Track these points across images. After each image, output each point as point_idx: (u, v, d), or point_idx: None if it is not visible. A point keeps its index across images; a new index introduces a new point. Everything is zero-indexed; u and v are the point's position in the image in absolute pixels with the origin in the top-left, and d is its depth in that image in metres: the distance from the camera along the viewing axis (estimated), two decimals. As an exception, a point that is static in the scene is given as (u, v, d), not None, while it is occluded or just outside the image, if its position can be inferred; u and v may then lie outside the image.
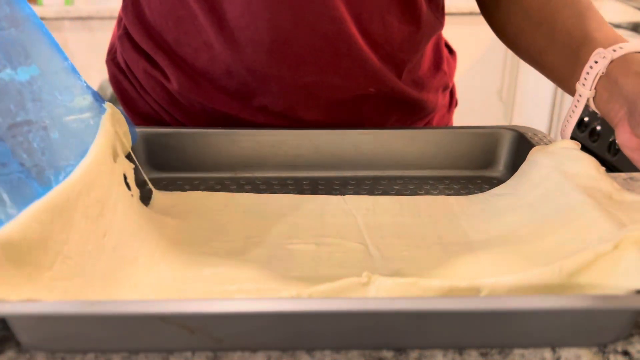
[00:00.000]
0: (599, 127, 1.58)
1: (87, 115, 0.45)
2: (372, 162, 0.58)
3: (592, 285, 0.35)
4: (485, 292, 0.35)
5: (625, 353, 0.34)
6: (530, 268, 0.37)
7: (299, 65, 0.57)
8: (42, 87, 0.42)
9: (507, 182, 0.53)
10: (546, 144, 0.53)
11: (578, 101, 0.51)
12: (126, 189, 0.46)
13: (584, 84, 0.49)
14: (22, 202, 0.37)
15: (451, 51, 0.74)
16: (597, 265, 0.36)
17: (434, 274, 0.40)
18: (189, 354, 0.34)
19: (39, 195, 0.38)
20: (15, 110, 0.40)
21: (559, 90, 1.87)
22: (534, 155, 0.52)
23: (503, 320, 0.34)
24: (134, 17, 0.61)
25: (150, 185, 0.52)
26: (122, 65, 0.66)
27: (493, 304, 0.33)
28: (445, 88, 0.70)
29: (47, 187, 0.40)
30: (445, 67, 0.69)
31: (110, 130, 0.46)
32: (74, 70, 0.45)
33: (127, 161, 0.47)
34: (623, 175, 0.58)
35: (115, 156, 0.46)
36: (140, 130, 0.57)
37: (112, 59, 0.67)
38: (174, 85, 0.61)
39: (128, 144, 0.49)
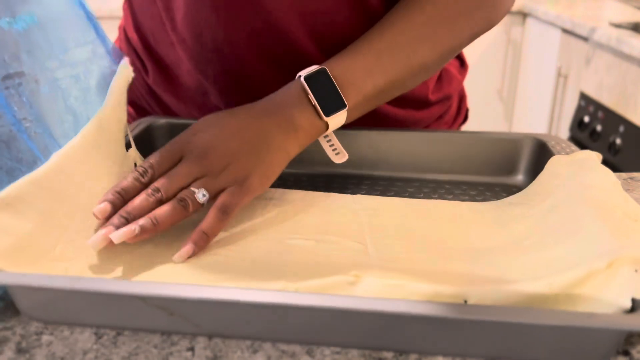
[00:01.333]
0: (599, 127, 1.58)
1: (78, 69, 0.45)
2: (389, 163, 0.56)
3: (583, 298, 0.34)
4: (472, 301, 0.34)
5: (626, 353, 0.34)
6: (519, 280, 0.36)
7: (239, 66, 0.56)
8: (38, 38, 0.41)
9: (523, 190, 0.52)
10: (567, 154, 0.52)
11: None
12: None
13: None
14: (14, 157, 0.37)
15: (462, 63, 0.70)
16: (588, 282, 0.35)
17: (424, 278, 0.39)
18: (189, 354, 0.34)
19: (29, 150, 0.38)
20: (9, 62, 0.40)
21: (559, 90, 1.87)
22: (551, 165, 0.51)
23: (484, 329, 0.33)
24: (127, 11, 0.64)
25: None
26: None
27: (474, 313, 0.32)
28: (423, 103, 0.64)
29: (36, 143, 0.40)
30: (429, 81, 0.64)
31: (120, 111, 0.48)
32: (86, 16, 0.44)
33: (137, 152, 0.49)
34: (623, 175, 0.57)
35: (128, 146, 0.48)
36: (143, 123, 0.58)
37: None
38: (150, 77, 0.63)
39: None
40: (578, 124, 1.69)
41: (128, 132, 0.49)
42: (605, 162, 0.49)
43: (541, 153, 0.55)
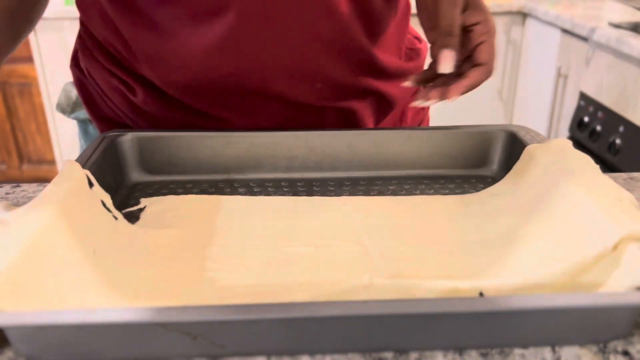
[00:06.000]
0: (599, 127, 1.58)
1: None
2: (367, 163, 0.57)
3: (593, 284, 0.36)
4: (489, 293, 0.35)
5: (626, 353, 0.34)
6: (531, 269, 0.37)
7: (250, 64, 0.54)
8: None
9: (503, 180, 0.53)
10: (539, 142, 0.53)
11: None
12: (107, 212, 0.46)
13: None
14: None
15: (420, 40, 0.71)
16: (597, 265, 0.36)
17: (434, 275, 0.40)
18: (188, 360, 0.34)
19: None
20: None
21: (559, 90, 1.86)
22: (529, 153, 0.52)
23: (504, 320, 0.34)
24: (88, 33, 0.60)
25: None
26: (85, 72, 0.64)
27: (496, 305, 0.33)
28: (406, 76, 0.63)
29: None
30: (403, 52, 0.66)
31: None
32: None
33: (102, 190, 0.47)
34: (623, 175, 0.58)
35: (90, 184, 0.46)
36: (132, 133, 0.57)
37: (75, 65, 0.65)
38: (139, 97, 0.59)
39: None
40: (578, 124, 1.69)
41: (87, 173, 0.47)
42: (605, 162, 0.50)
43: (512, 143, 0.57)
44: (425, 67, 0.59)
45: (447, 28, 0.49)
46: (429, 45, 0.53)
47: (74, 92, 0.75)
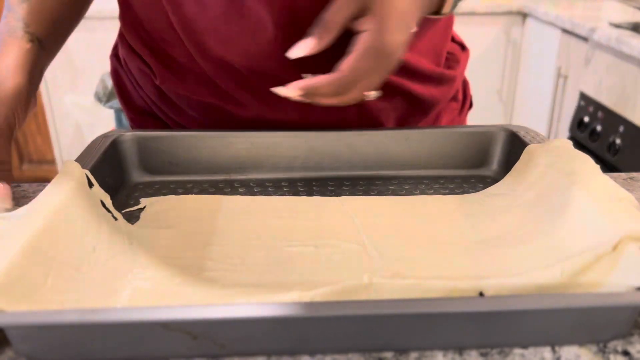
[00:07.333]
0: (599, 127, 1.58)
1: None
2: (367, 163, 0.57)
3: (592, 284, 0.36)
4: (488, 293, 0.35)
5: (625, 353, 0.34)
6: (530, 269, 0.37)
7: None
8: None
9: (503, 180, 0.53)
10: (539, 142, 0.53)
11: None
12: (107, 212, 0.46)
13: None
14: None
15: (463, 47, 0.72)
16: (597, 265, 0.36)
17: (434, 275, 0.40)
18: (188, 360, 0.34)
19: None
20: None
21: (559, 90, 1.86)
22: (528, 154, 0.52)
23: (504, 320, 0.34)
24: (125, 16, 0.62)
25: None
26: (122, 61, 0.67)
27: (496, 305, 0.33)
28: (443, 82, 0.65)
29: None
30: (443, 59, 0.66)
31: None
32: None
33: (102, 190, 0.47)
34: (623, 175, 0.58)
35: (90, 184, 0.46)
36: (132, 133, 0.57)
37: (114, 55, 0.69)
38: (158, 79, 0.61)
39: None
40: (578, 124, 1.69)
41: (87, 173, 0.47)
42: (605, 162, 0.50)
43: (512, 143, 0.57)
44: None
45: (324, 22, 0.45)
46: None
47: (110, 83, 0.78)
